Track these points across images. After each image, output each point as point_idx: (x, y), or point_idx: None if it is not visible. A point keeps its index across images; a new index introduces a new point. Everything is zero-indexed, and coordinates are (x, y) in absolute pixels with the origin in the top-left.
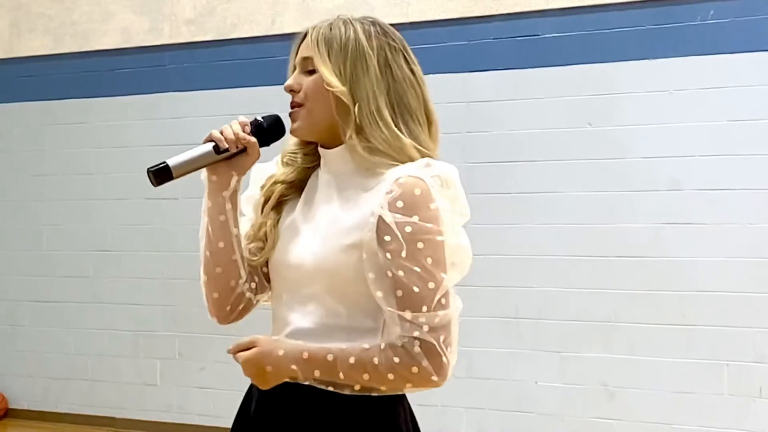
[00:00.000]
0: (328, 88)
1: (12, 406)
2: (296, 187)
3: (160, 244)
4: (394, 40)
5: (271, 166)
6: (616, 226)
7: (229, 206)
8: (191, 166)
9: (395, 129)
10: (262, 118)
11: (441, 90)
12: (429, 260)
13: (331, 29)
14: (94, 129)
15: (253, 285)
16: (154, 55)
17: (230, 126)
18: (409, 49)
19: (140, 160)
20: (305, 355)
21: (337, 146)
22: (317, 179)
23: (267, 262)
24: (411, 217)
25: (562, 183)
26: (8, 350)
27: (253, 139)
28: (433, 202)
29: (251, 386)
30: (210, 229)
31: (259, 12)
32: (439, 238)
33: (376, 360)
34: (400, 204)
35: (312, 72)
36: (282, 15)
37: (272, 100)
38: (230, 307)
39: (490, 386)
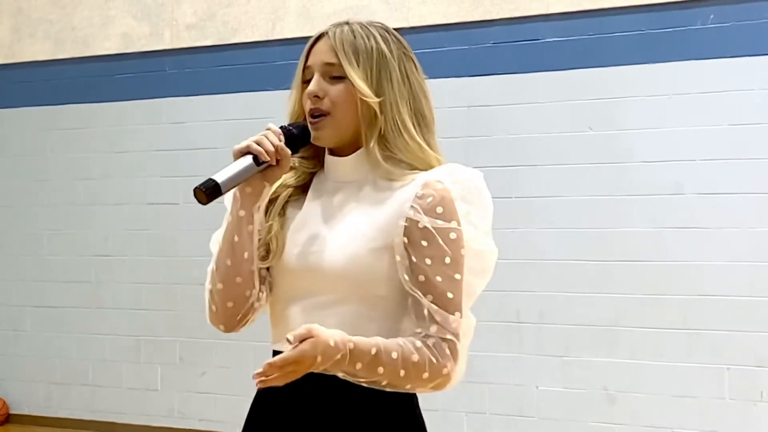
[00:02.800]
0: (363, 98)
1: (13, 411)
2: (299, 191)
3: (161, 250)
4: (406, 48)
5: None
6: (617, 230)
7: (257, 216)
8: (236, 182)
9: (419, 139)
10: (291, 126)
11: (442, 95)
12: (465, 267)
13: (354, 36)
14: (95, 134)
15: (263, 295)
16: (154, 60)
17: (266, 137)
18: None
19: (141, 165)
20: (351, 345)
21: (349, 153)
22: (322, 184)
23: (268, 267)
24: (450, 222)
25: (563, 187)
26: (10, 355)
27: (289, 151)
28: (462, 208)
29: (263, 390)
30: (237, 239)
31: (259, 17)
32: (473, 245)
33: (415, 357)
34: (440, 210)
35: (337, 79)
36: (282, 20)
37: (273, 105)
38: (240, 316)
39: (492, 391)
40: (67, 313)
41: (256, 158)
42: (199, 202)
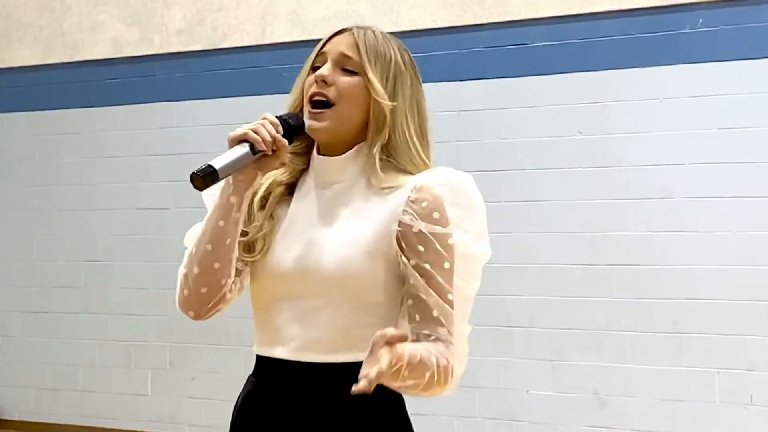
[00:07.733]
0: (378, 98)
1: (3, 417)
2: (287, 190)
3: (151, 254)
4: (417, 69)
5: None
6: (607, 234)
7: (245, 205)
8: (232, 169)
9: (423, 155)
10: (287, 116)
11: (432, 99)
12: (465, 271)
13: (377, 40)
14: (85, 139)
15: (236, 286)
16: (144, 65)
17: (264, 127)
18: None
19: (131, 170)
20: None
21: (340, 153)
22: (308, 184)
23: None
24: (446, 228)
25: (553, 191)
26: None
27: (287, 142)
28: (451, 212)
29: (248, 396)
30: (222, 223)
31: (249, 22)
32: (462, 249)
33: (443, 361)
34: (436, 215)
35: (350, 72)
36: (272, 25)
37: (263, 110)
38: (212, 304)
39: (482, 395)
40: (57, 318)
41: (252, 146)
42: (195, 187)
